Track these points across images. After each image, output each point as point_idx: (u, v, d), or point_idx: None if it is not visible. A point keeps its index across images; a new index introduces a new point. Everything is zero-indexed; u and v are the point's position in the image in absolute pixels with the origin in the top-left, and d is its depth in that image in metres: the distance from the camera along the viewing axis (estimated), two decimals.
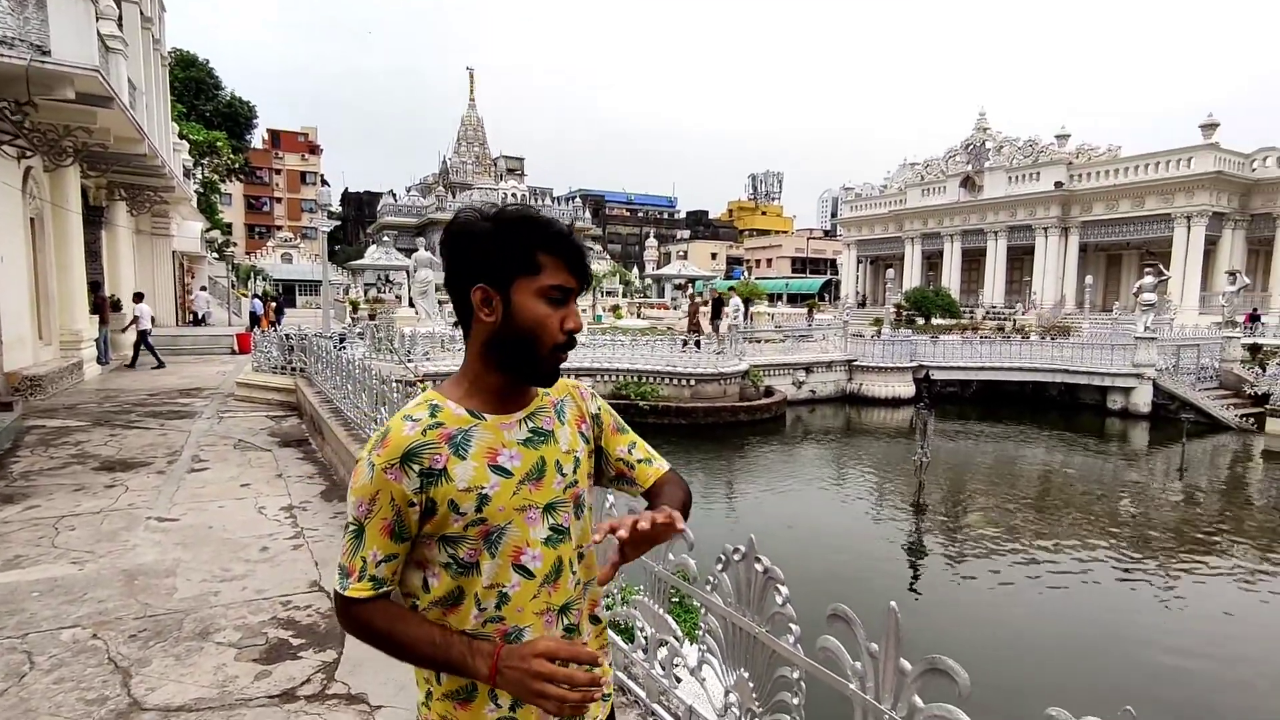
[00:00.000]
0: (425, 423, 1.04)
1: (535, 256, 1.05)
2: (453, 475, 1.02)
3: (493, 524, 1.04)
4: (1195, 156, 32.02)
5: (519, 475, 1.06)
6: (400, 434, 1.02)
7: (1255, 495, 13.03)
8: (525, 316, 1.04)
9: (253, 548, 4.44)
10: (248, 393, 10.40)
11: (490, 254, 1.05)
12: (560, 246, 1.06)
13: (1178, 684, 6.15)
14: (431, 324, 18.09)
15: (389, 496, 1.00)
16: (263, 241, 60.04)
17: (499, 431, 1.07)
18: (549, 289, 1.05)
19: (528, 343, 1.05)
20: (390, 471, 1.00)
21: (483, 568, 1.04)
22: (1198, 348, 20.65)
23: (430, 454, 1.01)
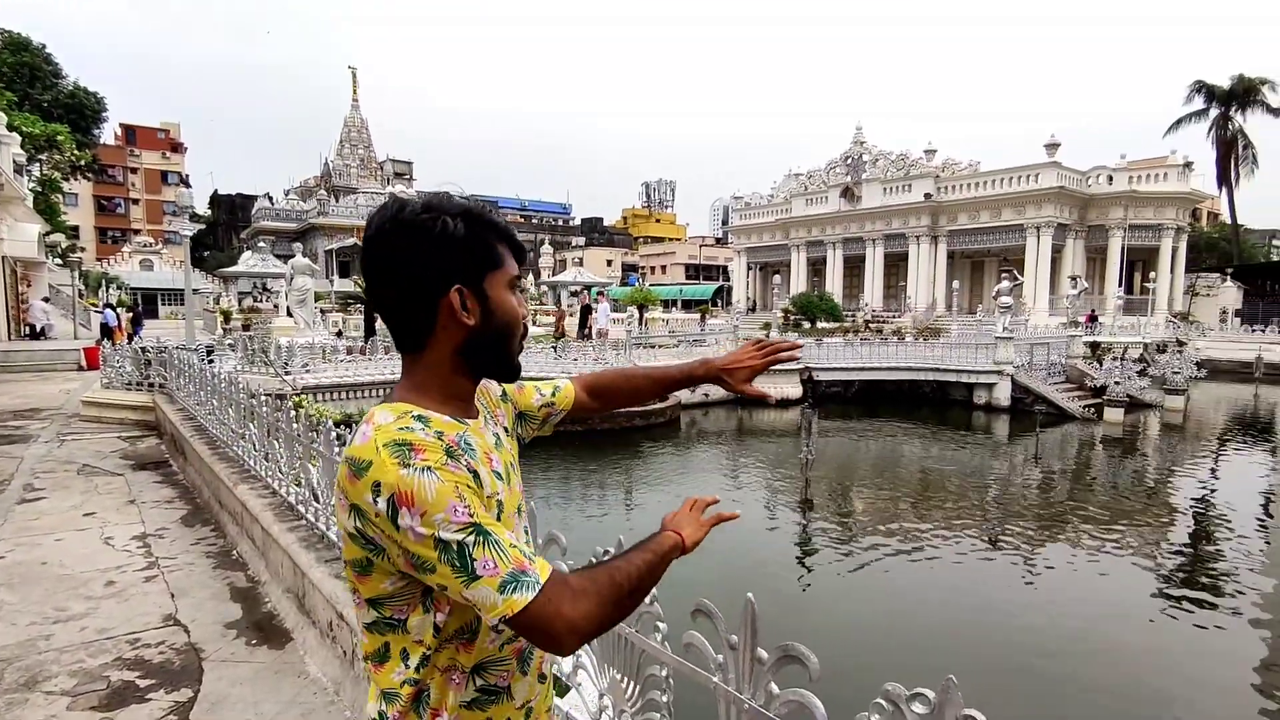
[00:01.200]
0: (427, 428, 0.90)
1: (497, 248, 1.01)
2: (481, 480, 0.92)
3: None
4: (1041, 173, 35.44)
5: (508, 478, 1.02)
6: (423, 438, 0.88)
7: (1097, 477, 14.50)
8: (503, 311, 1.01)
9: (96, 583, 4.01)
10: (96, 412, 9.42)
11: (467, 252, 0.98)
12: (508, 236, 1.04)
13: (1035, 650, 6.72)
14: (311, 334, 17.10)
15: (468, 485, 0.87)
16: (117, 247, 54.85)
17: (482, 435, 1.01)
18: (514, 279, 1.03)
19: (506, 337, 1.02)
20: (450, 466, 0.86)
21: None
22: (1047, 346, 22.78)
23: (460, 454, 0.90)
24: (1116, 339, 27.31)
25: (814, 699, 1.15)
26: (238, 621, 3.60)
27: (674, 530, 1.03)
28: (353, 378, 14.43)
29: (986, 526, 10.61)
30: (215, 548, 4.69)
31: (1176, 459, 16.06)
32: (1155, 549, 9.79)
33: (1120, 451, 16.77)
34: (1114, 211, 36.37)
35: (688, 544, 1.03)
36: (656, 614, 1.51)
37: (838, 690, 1.33)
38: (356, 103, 59.18)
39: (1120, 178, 36.49)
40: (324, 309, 27.27)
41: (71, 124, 30.97)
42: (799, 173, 48.21)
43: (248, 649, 3.32)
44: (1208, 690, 6.21)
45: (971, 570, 8.92)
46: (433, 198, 1.00)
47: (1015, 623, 7.42)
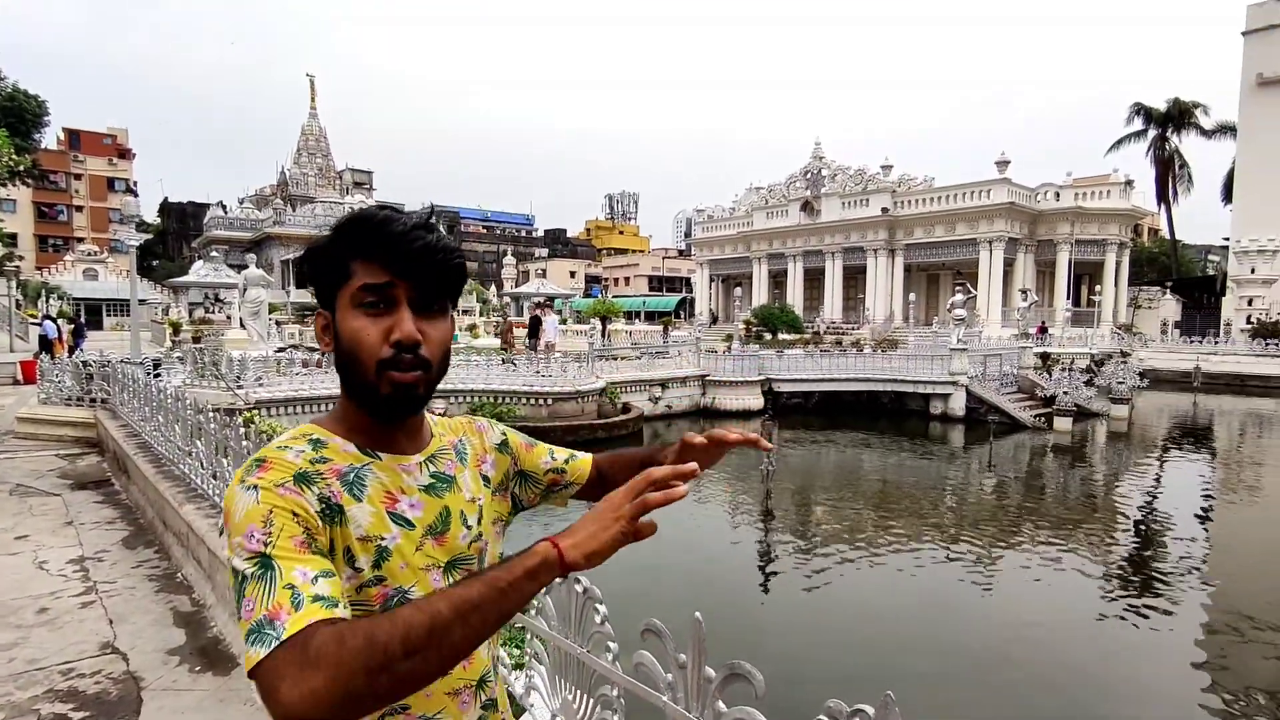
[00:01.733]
0: (309, 454, 0.84)
1: (347, 261, 0.87)
2: (349, 518, 0.82)
3: (393, 585, 0.85)
4: (992, 189, 36.65)
5: (421, 527, 0.89)
6: (283, 459, 0.82)
7: (1047, 484, 14.94)
8: (342, 334, 0.87)
9: (27, 610, 3.83)
10: (32, 429, 9.02)
11: (325, 272, 0.89)
12: (374, 238, 0.86)
13: (987, 656, 6.86)
14: (265, 346, 16.69)
15: (289, 512, 0.76)
16: (59, 255, 52.82)
17: (396, 474, 0.90)
18: (358, 293, 0.86)
19: (349, 365, 0.87)
20: (283, 488, 0.78)
21: None
22: (1000, 357, 23.44)
23: (323, 483, 0.82)
24: (1065, 350, 28.28)
25: (759, 716, 1.16)
26: (181, 648, 3.47)
27: (553, 540, 0.76)
28: (309, 391, 14.10)
29: (943, 535, 10.82)
30: (159, 570, 4.52)
31: (1122, 466, 16.65)
32: (1103, 553, 10.11)
33: (1070, 459, 17.30)
34: (1061, 227, 37.76)
35: (570, 559, 0.75)
36: (608, 634, 1.50)
37: (789, 703, 1.34)
38: (315, 111, 58.21)
39: (1067, 194, 37.95)
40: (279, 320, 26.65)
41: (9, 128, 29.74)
42: (760, 186, 48.98)
43: (191, 676, 3.20)
44: (1152, 690, 6.42)
45: (928, 578, 9.08)
46: (360, 213, 0.90)
47: (969, 630, 7.57)
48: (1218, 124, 44.77)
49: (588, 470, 1.13)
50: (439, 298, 0.90)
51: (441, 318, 0.91)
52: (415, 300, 0.88)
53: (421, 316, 0.88)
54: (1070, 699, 6.09)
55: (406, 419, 0.93)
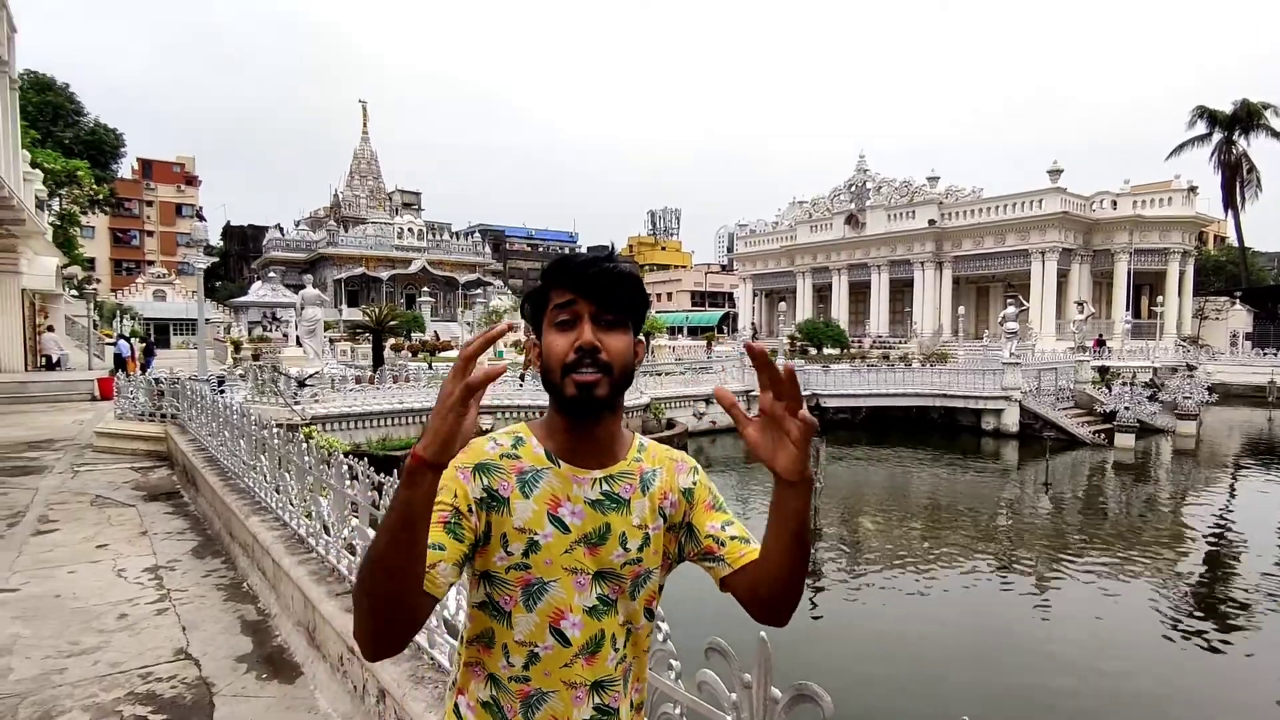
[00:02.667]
0: (505, 449, 1.05)
1: (547, 292, 1.05)
2: (513, 509, 1.01)
3: (535, 575, 1.01)
4: (1045, 198, 35.62)
5: (576, 534, 1.02)
6: (480, 448, 1.04)
7: (1108, 503, 14.35)
8: (544, 349, 1.04)
9: (109, 616, 4.03)
10: (109, 443, 9.50)
11: (534, 305, 1.07)
12: (563, 271, 1.05)
13: (1049, 681, 6.60)
14: (320, 363, 17.23)
15: (453, 492, 0.98)
16: (132, 278, 55.57)
17: (568, 483, 1.04)
18: (552, 313, 1.04)
19: (547, 374, 1.04)
20: (462, 472, 1.00)
21: (515, 620, 1.01)
22: (1055, 371, 22.70)
23: (499, 477, 1.02)
24: (1125, 364, 27.20)
25: None
26: (248, 655, 3.61)
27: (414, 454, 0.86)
28: (361, 407, 14.51)
29: (997, 554, 10.49)
30: (226, 580, 4.71)
31: (1190, 485, 15.89)
32: (1170, 577, 9.65)
33: (1132, 477, 16.60)
34: (1119, 236, 36.45)
35: (425, 456, 0.85)
36: (670, 651, 1.52)
37: None
38: (366, 135, 60.20)
39: (1124, 202, 36.64)
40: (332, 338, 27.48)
41: (91, 159, 31.67)
42: (803, 200, 48.62)
43: (258, 683, 3.32)
44: None
45: (983, 599, 8.81)
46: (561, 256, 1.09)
47: (1028, 652, 7.31)
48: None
49: (740, 563, 1.07)
50: (615, 312, 1.04)
51: (621, 332, 1.04)
52: (595, 315, 1.02)
53: (601, 329, 1.02)
54: None
55: (594, 428, 1.06)
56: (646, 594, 1.08)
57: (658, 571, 1.09)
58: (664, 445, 1.17)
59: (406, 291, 49.06)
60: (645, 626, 1.10)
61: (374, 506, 3.28)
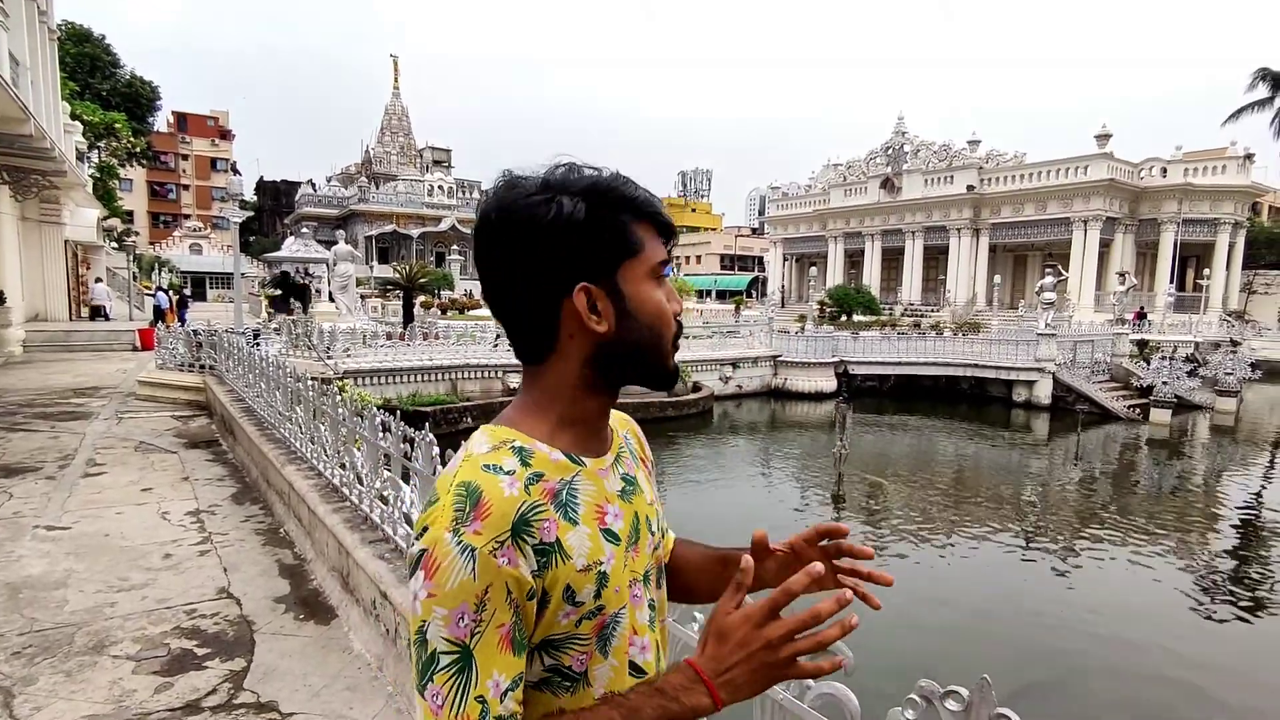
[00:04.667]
0: (523, 474, 0.74)
1: (632, 230, 0.80)
2: (568, 549, 0.73)
3: (609, 612, 0.77)
4: (1090, 165, 34.33)
5: (625, 540, 0.80)
6: (499, 495, 0.71)
7: (1142, 480, 14.13)
8: (646, 310, 0.80)
9: (154, 555, 4.22)
10: (151, 392, 9.81)
11: (592, 241, 0.78)
12: (649, 211, 0.82)
13: (1072, 650, 6.62)
14: (352, 319, 17.50)
15: (504, 591, 0.68)
16: (169, 231, 56.63)
17: (600, 481, 0.80)
18: (657, 267, 0.81)
19: (651, 342, 0.81)
20: (502, 554, 0.68)
21: (594, 676, 0.76)
22: (1092, 343, 22.18)
23: (541, 520, 0.72)
24: (1166, 337, 26.47)
25: (848, 692, 1.19)
26: (286, 597, 3.76)
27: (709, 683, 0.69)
28: (392, 363, 14.75)
29: (1024, 526, 10.43)
30: (264, 525, 4.88)
31: (1226, 463, 15.55)
32: (1200, 554, 9.53)
33: (1166, 454, 16.30)
34: (1167, 205, 35.09)
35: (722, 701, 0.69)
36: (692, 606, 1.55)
37: (871, 684, 1.36)
38: (397, 91, 59.97)
39: (1175, 170, 35.17)
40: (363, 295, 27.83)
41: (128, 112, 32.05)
42: (838, 163, 47.50)
43: (296, 623, 3.47)
44: (1249, 700, 6.06)
45: (1007, 569, 8.80)
46: (553, 171, 0.80)
47: (1052, 623, 7.31)
48: None
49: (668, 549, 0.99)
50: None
51: None
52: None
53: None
54: (1160, 705, 5.82)
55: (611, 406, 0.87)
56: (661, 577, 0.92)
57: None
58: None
59: (436, 249, 49.32)
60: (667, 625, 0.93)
61: (405, 458, 3.36)
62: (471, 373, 15.55)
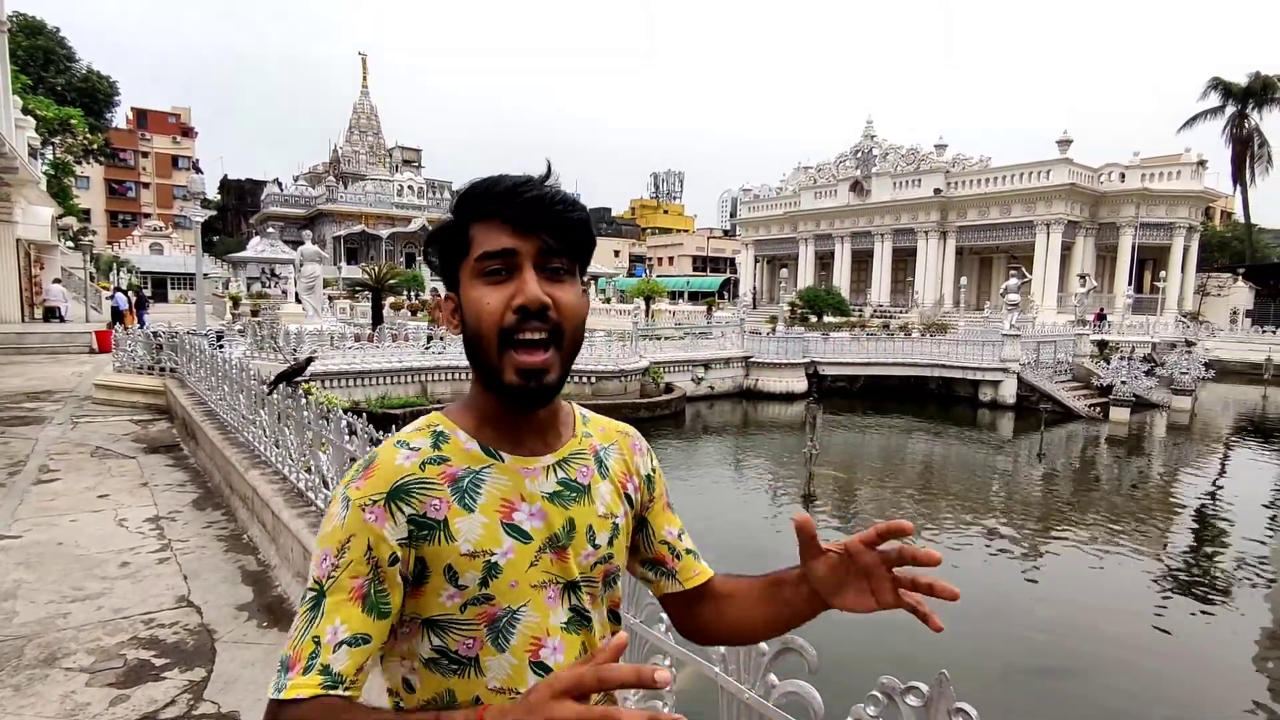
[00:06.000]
0: (425, 454, 0.79)
1: (467, 230, 0.80)
2: (454, 531, 0.76)
3: (501, 605, 0.78)
4: (1053, 169, 35.18)
5: (539, 540, 0.80)
6: (390, 462, 0.77)
7: (1101, 476, 14.50)
8: (468, 309, 0.80)
9: (111, 563, 4.10)
10: (108, 395, 9.53)
11: (447, 247, 0.82)
12: (490, 202, 0.79)
13: (1034, 645, 6.77)
14: (319, 321, 17.21)
15: (365, 545, 0.73)
16: (128, 230, 55.17)
17: (519, 478, 0.81)
18: (479, 261, 0.79)
19: (474, 343, 0.80)
20: (371, 510, 0.74)
21: (485, 665, 0.78)
22: (1054, 344, 22.72)
23: (427, 495, 0.76)
24: (1125, 338, 27.22)
25: (811, 690, 1.20)
26: (249, 604, 3.68)
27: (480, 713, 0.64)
28: (360, 365, 14.54)
29: (989, 523, 10.64)
30: (226, 531, 4.77)
31: (1181, 459, 16.04)
32: (1157, 548, 9.81)
33: (1125, 451, 16.75)
34: (1125, 209, 36.11)
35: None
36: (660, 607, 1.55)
37: (836, 681, 1.38)
38: (366, 89, 59.17)
39: (1133, 175, 36.21)
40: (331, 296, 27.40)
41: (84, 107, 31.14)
42: (808, 166, 48.01)
43: (259, 631, 3.40)
44: (1206, 690, 6.25)
45: (973, 566, 8.96)
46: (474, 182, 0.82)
47: (1016, 618, 7.46)
48: None
49: (692, 585, 0.94)
50: (563, 255, 0.80)
51: (570, 282, 0.81)
52: (539, 261, 0.79)
53: (546, 279, 0.79)
54: (1120, 697, 5.98)
55: (538, 410, 0.84)
56: (612, 596, 0.90)
57: (622, 566, 0.91)
58: (605, 417, 0.96)
59: (406, 250, 48.76)
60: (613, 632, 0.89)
61: None
62: (442, 374, 15.40)
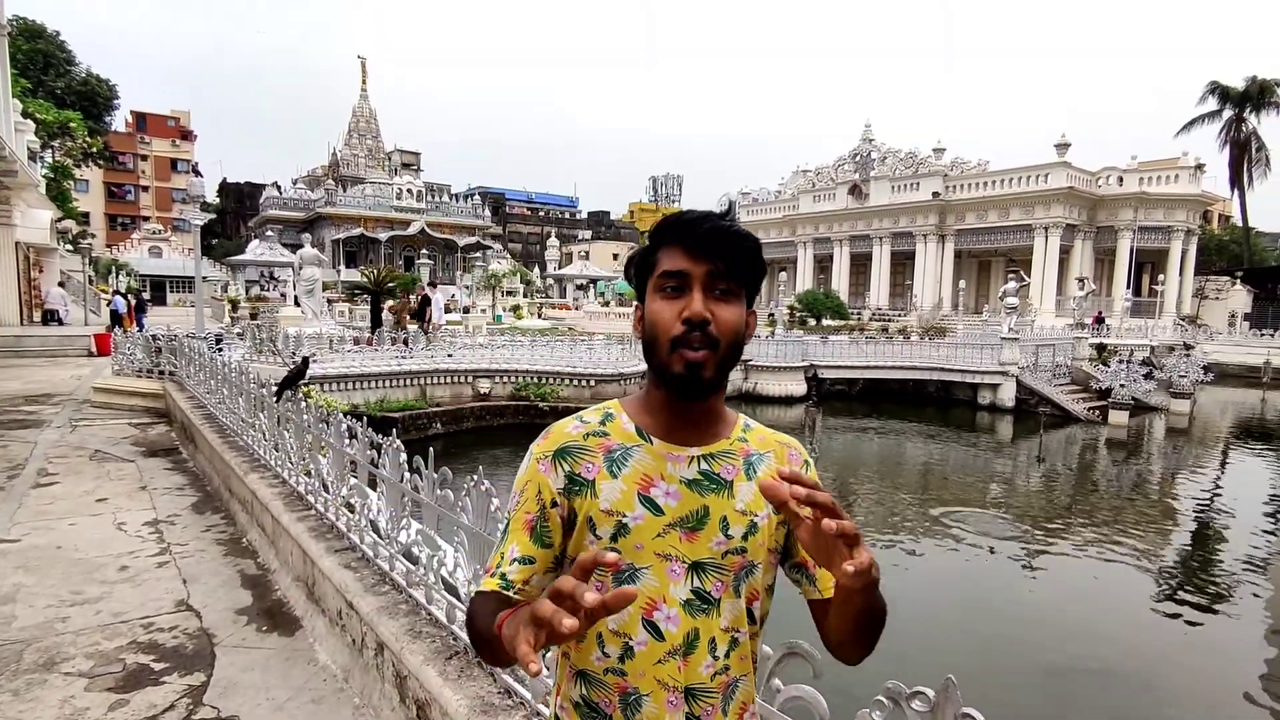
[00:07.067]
0: (592, 427, 1.00)
1: (655, 254, 0.99)
2: (599, 490, 0.94)
3: (626, 561, 0.93)
4: (1051, 173, 35.28)
5: (670, 516, 0.94)
6: (563, 429, 1.00)
7: (1099, 479, 14.50)
8: (649, 316, 0.97)
9: (110, 567, 4.08)
10: (107, 398, 9.51)
11: (636, 271, 1.02)
12: (673, 232, 0.97)
13: (1036, 649, 6.75)
14: (318, 324, 17.19)
15: (536, 489, 0.96)
16: (127, 233, 55.13)
17: (661, 460, 0.97)
18: (660, 280, 0.96)
19: (651, 344, 0.96)
20: (543, 463, 0.97)
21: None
22: (1053, 347, 22.73)
23: (584, 459, 0.97)
24: (1123, 341, 27.22)
25: (817, 695, 1.19)
26: (248, 608, 3.67)
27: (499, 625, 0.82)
28: (359, 368, 14.51)
29: (989, 527, 10.64)
30: (226, 535, 4.76)
31: (1180, 463, 16.04)
32: (1156, 552, 9.80)
33: (1124, 454, 16.75)
34: (1123, 213, 36.19)
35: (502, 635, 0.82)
36: None
37: (840, 685, 1.37)
38: (365, 93, 59.16)
39: (1131, 179, 36.30)
40: (330, 299, 27.41)
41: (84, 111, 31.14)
42: (807, 169, 48.11)
43: (258, 635, 3.39)
44: (1206, 693, 6.24)
45: (973, 569, 8.95)
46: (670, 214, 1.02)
47: (1016, 622, 7.46)
48: None
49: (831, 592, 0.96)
50: (729, 279, 0.95)
51: (734, 302, 0.96)
52: (707, 283, 0.94)
53: (712, 298, 0.94)
54: (1121, 699, 5.97)
55: (697, 404, 0.98)
56: (750, 590, 0.98)
57: (763, 566, 0.98)
58: (772, 429, 1.07)
59: (405, 253, 48.68)
60: (750, 633, 0.99)
61: (372, 465, 3.30)
62: (441, 378, 15.37)
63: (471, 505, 2.40)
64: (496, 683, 2.28)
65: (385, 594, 2.97)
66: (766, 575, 1.00)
